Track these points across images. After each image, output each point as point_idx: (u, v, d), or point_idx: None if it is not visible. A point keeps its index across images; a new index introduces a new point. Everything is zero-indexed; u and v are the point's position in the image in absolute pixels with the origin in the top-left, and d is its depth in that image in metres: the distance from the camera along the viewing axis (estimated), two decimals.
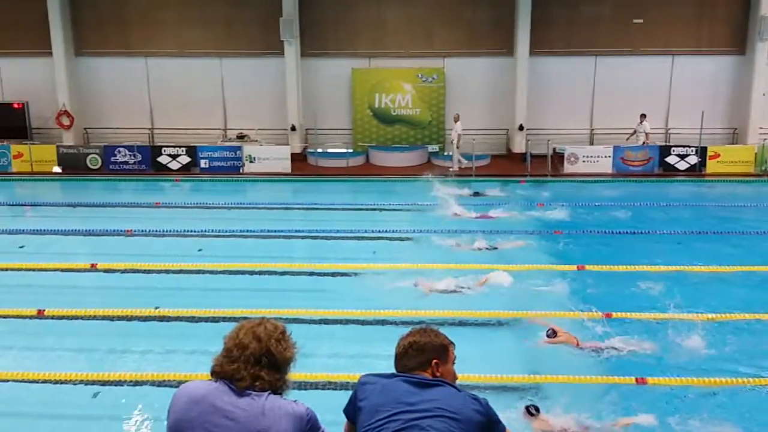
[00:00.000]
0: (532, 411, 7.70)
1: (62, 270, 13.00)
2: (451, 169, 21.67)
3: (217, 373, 3.05)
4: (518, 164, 22.17)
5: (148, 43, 23.31)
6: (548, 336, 9.44)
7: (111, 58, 23.43)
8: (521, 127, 22.92)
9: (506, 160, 23.05)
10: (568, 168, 21.69)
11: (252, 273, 12.59)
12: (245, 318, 3.30)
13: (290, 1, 22.11)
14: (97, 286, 12.70)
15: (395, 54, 23.27)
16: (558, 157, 21.93)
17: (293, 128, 22.90)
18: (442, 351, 3.37)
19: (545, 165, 21.42)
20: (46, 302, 11.30)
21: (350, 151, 23.06)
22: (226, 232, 15.20)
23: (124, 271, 12.96)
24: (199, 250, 14.23)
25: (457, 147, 21.54)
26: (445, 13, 23.08)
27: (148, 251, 14.20)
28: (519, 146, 23.02)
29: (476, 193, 19.14)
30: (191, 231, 15.24)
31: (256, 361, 3.00)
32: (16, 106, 22.76)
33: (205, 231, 15.18)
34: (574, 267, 12.67)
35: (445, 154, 22.67)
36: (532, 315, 10.34)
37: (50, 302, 11.33)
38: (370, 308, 10.55)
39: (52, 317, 10.91)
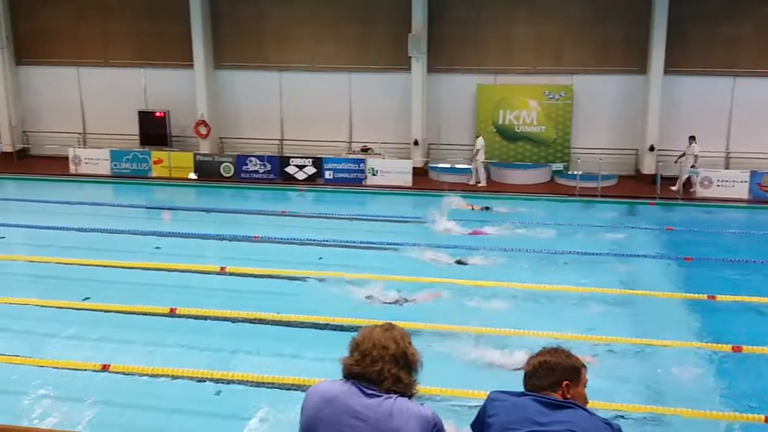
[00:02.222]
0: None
1: (194, 272, 13.69)
2: (470, 183, 21.87)
3: (356, 374, 3.12)
4: (647, 186, 21.40)
5: (282, 58, 24.23)
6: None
7: (247, 71, 24.51)
8: (652, 148, 22.12)
9: (634, 181, 22.31)
10: (700, 192, 20.76)
11: (367, 283, 12.79)
12: (363, 326, 3.35)
13: (420, 18, 22.41)
14: (225, 288, 13.26)
15: (522, 70, 23.06)
16: (690, 181, 21.06)
17: (416, 143, 23.11)
18: (574, 373, 3.30)
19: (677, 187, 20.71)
20: (179, 301, 11.95)
21: (472, 166, 23.01)
22: (347, 242, 15.53)
23: (250, 276, 13.50)
24: (320, 258, 14.60)
25: (476, 161, 21.82)
26: (575, 30, 22.68)
27: (272, 257, 14.72)
28: (649, 167, 22.22)
29: (486, 208, 19.04)
30: (313, 240, 15.67)
31: (396, 362, 3.09)
32: (158, 114, 24.21)
33: (326, 240, 15.57)
34: (703, 296, 12.11)
35: (570, 173, 22.21)
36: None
37: (182, 301, 11.97)
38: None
39: (183, 316, 11.52)
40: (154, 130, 23.99)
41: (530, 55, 23.02)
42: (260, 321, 11.35)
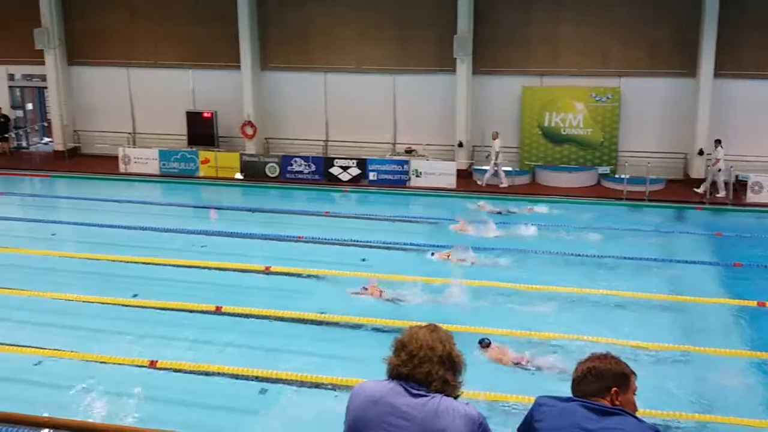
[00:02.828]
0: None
1: (239, 270, 13.87)
2: (479, 182, 21.85)
3: (404, 375, 3.13)
4: (695, 190, 21.01)
5: (327, 59, 24.38)
6: (482, 345, 9.92)
7: (293, 72, 24.71)
8: (701, 152, 21.68)
9: (683, 185, 21.89)
10: (751, 197, 20.28)
11: (407, 285, 12.81)
12: (408, 327, 3.35)
13: (465, 19, 22.34)
14: (269, 287, 13.41)
15: (568, 72, 22.82)
16: (740, 185, 20.59)
17: (460, 144, 23.04)
18: (623, 379, 3.26)
19: (726, 192, 20.26)
20: (224, 300, 12.13)
21: (516, 169, 22.85)
22: (390, 243, 15.57)
23: (294, 275, 13.63)
24: (363, 259, 14.66)
25: (495, 164, 21.62)
26: (623, 32, 22.36)
27: (315, 257, 14.82)
28: (698, 172, 21.79)
29: (500, 212, 19.04)
30: (356, 240, 15.74)
31: (443, 363, 3.10)
32: (206, 115, 24.55)
33: (370, 241, 15.62)
34: (753, 303, 11.85)
35: (617, 176, 21.90)
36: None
37: (227, 300, 12.15)
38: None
39: (229, 314, 11.70)
40: (201, 130, 24.34)
41: (577, 57, 22.76)
42: (303, 320, 11.47)
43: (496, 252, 14.79)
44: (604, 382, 3.24)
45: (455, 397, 3.12)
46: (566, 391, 3.35)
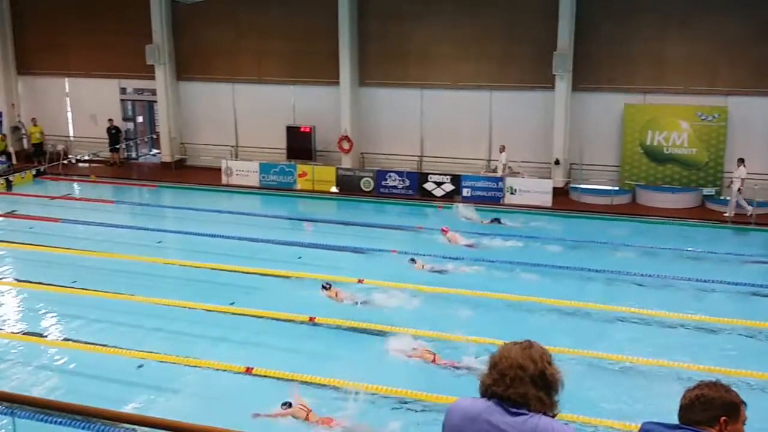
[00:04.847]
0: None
1: (333, 282, 14.07)
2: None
3: (495, 393, 3.10)
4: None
5: (424, 75, 24.53)
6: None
7: (390, 88, 24.98)
8: None
9: None
10: None
11: (501, 303, 12.70)
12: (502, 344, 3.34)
13: (566, 35, 22.03)
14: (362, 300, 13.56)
15: (672, 90, 22.12)
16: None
17: (557, 162, 22.68)
18: (733, 409, 3.17)
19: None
20: (317, 311, 12.38)
21: (616, 188, 22.29)
22: (483, 259, 15.50)
23: (386, 289, 13.74)
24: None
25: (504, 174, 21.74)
26: (731, 50, 21.50)
27: (406, 272, 14.88)
28: None
29: (496, 220, 19.44)
30: (449, 256, 15.74)
31: (534, 382, 3.06)
32: (304, 129, 25.15)
33: (460, 257, 15.61)
34: None
35: (722, 198, 21.02)
36: None
37: (320, 311, 12.39)
38: None
39: (322, 325, 11.92)
40: (300, 144, 24.92)
41: (682, 75, 22.04)
42: (394, 333, 11.56)
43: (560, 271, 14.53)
44: (712, 411, 3.15)
45: (553, 416, 3.09)
46: None
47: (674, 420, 3.25)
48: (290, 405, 9.17)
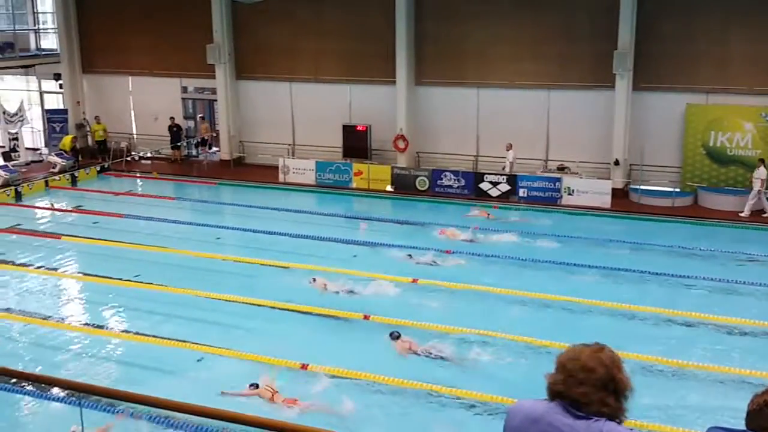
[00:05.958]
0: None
1: (387, 281, 14.15)
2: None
3: (561, 394, 3.06)
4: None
5: (481, 75, 24.38)
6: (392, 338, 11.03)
7: (446, 88, 24.92)
8: None
9: None
10: None
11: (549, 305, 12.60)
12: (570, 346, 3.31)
13: (627, 34, 21.64)
14: (416, 299, 13.59)
15: (736, 90, 21.52)
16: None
17: (617, 163, 22.30)
18: None
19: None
20: (371, 309, 12.47)
21: (677, 190, 21.80)
22: (535, 260, 15.40)
23: (440, 289, 13.76)
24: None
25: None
26: None
27: (459, 273, 14.86)
28: None
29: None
30: (504, 256, 15.67)
31: (603, 386, 3.00)
32: (360, 128, 25.27)
33: (522, 258, 15.52)
34: None
35: None
36: None
37: (374, 310, 12.48)
38: None
39: (376, 323, 12.01)
40: (356, 143, 25.04)
41: (747, 74, 21.43)
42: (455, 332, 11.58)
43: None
44: None
45: (619, 422, 3.05)
46: None
47: (741, 425, 3.18)
48: (257, 386, 9.79)
